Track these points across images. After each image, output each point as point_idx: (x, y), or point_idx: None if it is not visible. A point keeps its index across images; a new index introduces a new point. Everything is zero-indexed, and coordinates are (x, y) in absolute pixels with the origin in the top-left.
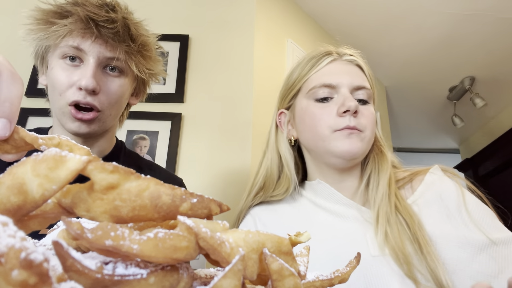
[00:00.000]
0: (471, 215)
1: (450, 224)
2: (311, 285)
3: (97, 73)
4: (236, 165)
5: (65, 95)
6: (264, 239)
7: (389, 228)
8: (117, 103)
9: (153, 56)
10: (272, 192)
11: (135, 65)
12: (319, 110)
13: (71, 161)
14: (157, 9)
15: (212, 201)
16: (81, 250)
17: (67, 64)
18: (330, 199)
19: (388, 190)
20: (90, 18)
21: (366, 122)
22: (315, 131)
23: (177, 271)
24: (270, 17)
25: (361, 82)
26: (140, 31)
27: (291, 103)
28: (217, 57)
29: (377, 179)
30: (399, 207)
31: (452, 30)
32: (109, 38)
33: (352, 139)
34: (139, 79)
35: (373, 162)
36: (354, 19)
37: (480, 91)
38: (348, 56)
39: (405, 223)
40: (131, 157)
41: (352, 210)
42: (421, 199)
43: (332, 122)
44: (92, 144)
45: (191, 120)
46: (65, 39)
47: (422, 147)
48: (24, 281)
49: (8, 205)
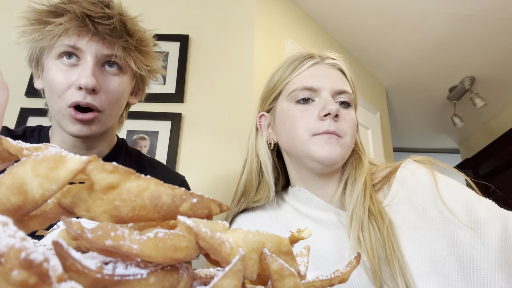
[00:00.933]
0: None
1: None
2: (311, 285)
3: (96, 71)
4: (236, 165)
5: (64, 96)
6: (264, 239)
7: (361, 234)
8: (117, 102)
9: (151, 52)
10: (254, 197)
11: (133, 61)
12: (299, 112)
13: (71, 161)
14: (157, 9)
15: (212, 201)
16: (81, 250)
17: (64, 63)
18: (310, 205)
19: (362, 195)
20: (86, 14)
21: (346, 127)
22: (294, 134)
23: (177, 271)
24: (270, 17)
25: (342, 86)
26: (136, 27)
27: (271, 106)
28: (217, 57)
29: (353, 184)
30: (373, 210)
31: (452, 30)
32: (106, 35)
33: (332, 145)
34: (138, 77)
35: (351, 167)
36: (354, 19)
37: (480, 91)
38: (330, 60)
39: (377, 227)
40: (132, 155)
41: (331, 215)
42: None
43: (312, 125)
44: (92, 145)
45: (191, 120)
46: (60, 38)
47: (422, 147)
48: (24, 281)
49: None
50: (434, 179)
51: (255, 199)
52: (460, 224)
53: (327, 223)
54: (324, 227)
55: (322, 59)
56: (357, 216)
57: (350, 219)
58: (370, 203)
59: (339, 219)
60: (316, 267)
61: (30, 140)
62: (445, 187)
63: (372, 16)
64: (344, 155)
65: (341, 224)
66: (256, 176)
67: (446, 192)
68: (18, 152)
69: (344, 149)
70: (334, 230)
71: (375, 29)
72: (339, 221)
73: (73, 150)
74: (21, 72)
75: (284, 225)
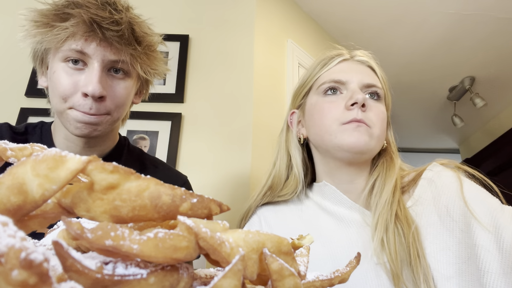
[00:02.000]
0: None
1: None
2: (311, 285)
3: (103, 77)
4: (236, 165)
5: (69, 100)
6: (264, 239)
7: (385, 236)
8: (123, 105)
9: (157, 56)
10: (280, 192)
11: (140, 66)
12: (327, 104)
13: (71, 161)
14: (157, 9)
15: (212, 201)
16: (81, 250)
17: (70, 67)
18: (335, 202)
19: (391, 197)
20: (94, 20)
21: (375, 118)
22: (322, 125)
23: (177, 271)
24: (270, 17)
25: (371, 81)
26: (144, 30)
27: (302, 102)
28: (217, 57)
29: (382, 185)
30: (400, 215)
31: (452, 30)
32: (114, 41)
33: (360, 132)
34: (143, 79)
35: (381, 167)
36: (354, 19)
37: (480, 91)
38: (359, 57)
39: (402, 232)
40: (134, 153)
41: (355, 213)
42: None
43: (340, 115)
44: (94, 144)
45: (191, 120)
46: (67, 42)
47: (422, 147)
48: (24, 281)
49: (8, 205)
50: (460, 181)
51: (281, 193)
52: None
53: (350, 222)
54: (346, 226)
55: (352, 56)
56: (383, 218)
57: (376, 221)
58: (398, 208)
59: (364, 219)
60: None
61: (32, 137)
62: (469, 189)
63: (372, 16)
64: (373, 145)
65: (365, 224)
66: (285, 171)
67: (470, 195)
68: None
69: (372, 139)
70: (357, 229)
71: (375, 29)
72: (363, 220)
73: (76, 147)
74: (21, 72)
75: (305, 221)
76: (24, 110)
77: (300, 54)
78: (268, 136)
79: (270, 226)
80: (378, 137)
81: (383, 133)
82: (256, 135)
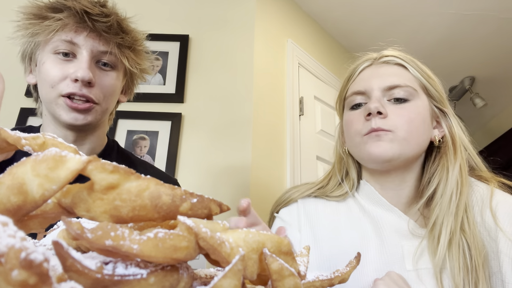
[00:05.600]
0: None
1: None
2: (311, 285)
3: (91, 66)
4: (236, 165)
5: (57, 86)
6: (264, 239)
7: (448, 253)
8: (111, 96)
9: (143, 51)
10: (331, 193)
11: (126, 59)
12: (351, 117)
13: (71, 161)
14: (157, 9)
15: (212, 201)
16: (81, 250)
17: (60, 58)
18: (373, 202)
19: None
20: (85, 11)
21: (398, 121)
22: (350, 139)
23: (177, 271)
24: (270, 17)
25: (393, 81)
26: (131, 27)
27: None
28: (217, 57)
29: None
30: (466, 229)
31: (452, 30)
32: (102, 32)
33: (380, 141)
34: (129, 76)
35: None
36: (354, 19)
37: (480, 91)
38: (385, 57)
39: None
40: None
41: (393, 216)
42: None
43: (361, 127)
44: (83, 141)
45: (191, 120)
46: (57, 33)
47: None
48: (24, 281)
49: (8, 205)
50: (491, 192)
51: (332, 194)
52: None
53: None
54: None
55: (376, 59)
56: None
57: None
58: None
59: (402, 224)
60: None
61: None
62: (498, 200)
63: (372, 16)
64: (400, 150)
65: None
66: (339, 175)
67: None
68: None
69: (396, 144)
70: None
71: (375, 29)
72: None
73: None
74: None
75: (347, 219)
76: (24, 110)
77: (300, 54)
78: (268, 136)
79: (309, 217)
80: (404, 139)
81: (412, 133)
82: (256, 135)
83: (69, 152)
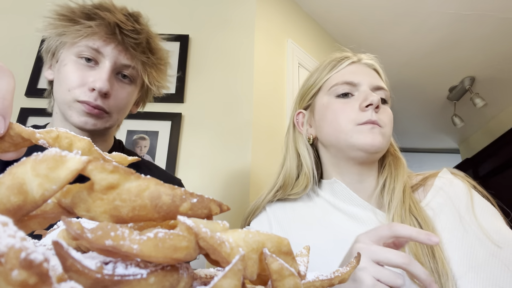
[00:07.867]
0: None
1: (462, 228)
2: (311, 285)
3: (111, 77)
4: (236, 165)
5: (74, 92)
6: (264, 239)
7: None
8: (124, 108)
9: (165, 70)
10: (291, 191)
11: (147, 76)
12: (341, 105)
13: (71, 161)
14: (157, 9)
15: (212, 201)
16: (81, 250)
17: (82, 63)
18: (346, 200)
19: (402, 196)
20: (117, 25)
21: (386, 119)
22: (337, 125)
23: (177, 271)
24: (270, 17)
25: (380, 83)
26: (159, 44)
27: (310, 102)
28: (217, 57)
29: (393, 184)
30: (414, 210)
31: (452, 30)
32: (130, 47)
33: (374, 134)
34: (144, 90)
35: (389, 167)
36: (354, 19)
37: (480, 91)
38: (366, 60)
39: (418, 225)
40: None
41: (368, 213)
42: (433, 203)
43: (355, 116)
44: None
45: (191, 120)
46: (85, 39)
47: (422, 147)
48: (24, 281)
49: (8, 205)
50: (470, 194)
51: (292, 192)
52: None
53: (364, 221)
54: (360, 224)
55: (359, 59)
56: (398, 214)
57: (392, 218)
58: (410, 202)
59: (377, 218)
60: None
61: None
62: (479, 205)
63: (372, 16)
64: (385, 145)
65: (379, 223)
66: (295, 170)
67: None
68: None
69: (385, 139)
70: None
71: (375, 29)
72: (377, 219)
73: None
74: (21, 73)
75: (316, 218)
76: (24, 110)
77: (300, 54)
78: (268, 136)
79: (279, 222)
80: (389, 136)
81: (391, 133)
82: (256, 135)
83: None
